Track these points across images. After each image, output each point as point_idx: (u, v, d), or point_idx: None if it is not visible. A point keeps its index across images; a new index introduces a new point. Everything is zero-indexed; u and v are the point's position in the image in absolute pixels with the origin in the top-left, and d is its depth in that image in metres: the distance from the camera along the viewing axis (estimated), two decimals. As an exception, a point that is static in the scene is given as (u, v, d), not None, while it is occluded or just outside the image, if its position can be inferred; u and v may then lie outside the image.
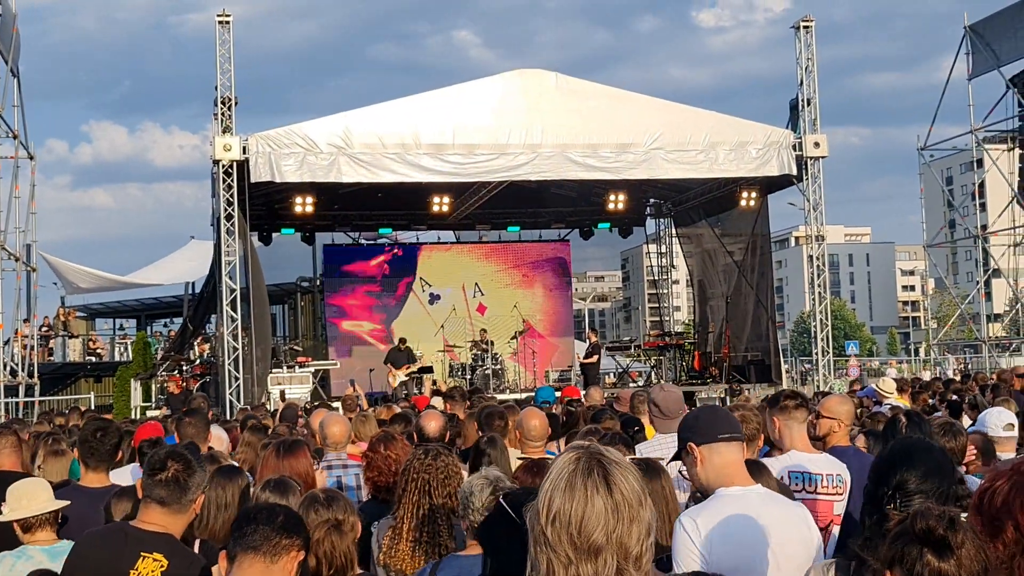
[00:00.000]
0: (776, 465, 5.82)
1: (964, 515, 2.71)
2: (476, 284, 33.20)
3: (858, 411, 12.83)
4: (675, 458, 4.58)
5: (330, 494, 4.71)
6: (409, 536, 4.97)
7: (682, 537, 4.14)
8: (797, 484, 5.78)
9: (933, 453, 3.81)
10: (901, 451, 3.79)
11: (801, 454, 5.98)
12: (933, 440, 6.08)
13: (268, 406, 22.02)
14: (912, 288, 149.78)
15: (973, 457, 6.86)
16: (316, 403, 19.56)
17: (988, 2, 35.63)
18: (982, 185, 51.47)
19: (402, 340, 27.63)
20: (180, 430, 8.05)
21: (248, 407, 18.62)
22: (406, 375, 26.23)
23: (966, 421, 10.92)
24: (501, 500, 3.80)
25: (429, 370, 28.00)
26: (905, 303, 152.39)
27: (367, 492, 6.46)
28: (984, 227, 43.91)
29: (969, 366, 40.29)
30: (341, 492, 5.00)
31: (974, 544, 2.61)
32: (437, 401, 16.43)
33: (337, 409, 13.87)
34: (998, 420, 7.40)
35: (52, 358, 36.53)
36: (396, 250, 33.51)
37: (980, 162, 42.80)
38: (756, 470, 4.85)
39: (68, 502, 5.66)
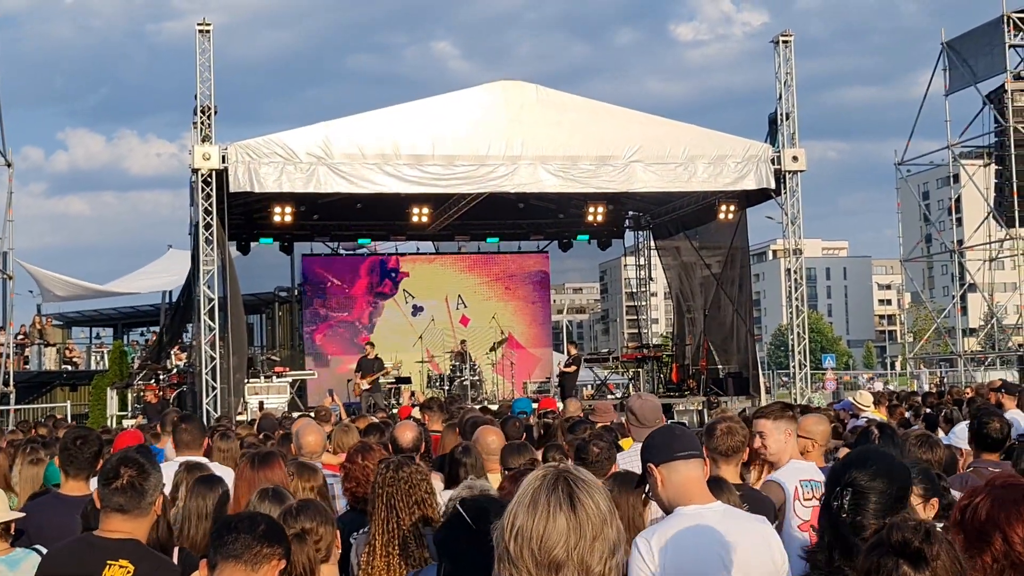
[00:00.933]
0: (792, 476, 5.85)
1: (940, 525, 2.74)
2: (460, 296, 33.20)
3: (833, 425, 12.92)
4: (640, 482, 4.59)
5: (304, 503, 4.71)
6: (382, 552, 4.97)
7: (635, 558, 4.17)
8: (808, 492, 5.80)
9: (886, 457, 3.80)
10: (854, 455, 3.83)
11: (801, 463, 6.02)
12: (909, 452, 6.15)
13: (245, 416, 21.99)
14: (888, 302, 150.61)
15: None
16: (297, 414, 19.52)
17: (964, 19, 36.06)
18: (958, 200, 51.84)
19: (370, 347, 27.61)
20: (176, 437, 8.03)
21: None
22: (369, 383, 26.23)
23: (941, 435, 10.99)
24: (458, 506, 3.81)
25: (407, 380, 27.97)
26: (881, 317, 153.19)
27: (345, 502, 6.46)
28: (960, 242, 44.26)
29: (945, 380, 40.51)
30: (319, 502, 4.99)
31: (949, 556, 2.63)
32: (415, 413, 16.46)
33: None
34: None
35: (28, 367, 36.31)
36: (375, 260, 33.46)
37: (956, 177, 43.14)
38: (718, 487, 4.86)
39: (23, 514, 5.66)
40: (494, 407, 21.74)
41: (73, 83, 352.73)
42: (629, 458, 7.08)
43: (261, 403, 23.23)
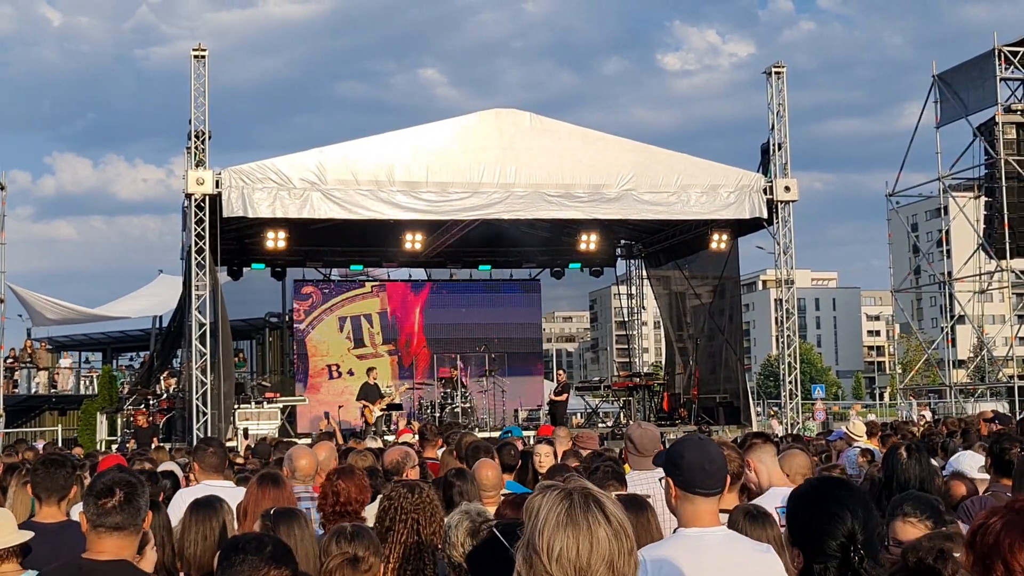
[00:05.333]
0: (768, 502, 5.82)
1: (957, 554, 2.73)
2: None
3: (823, 455, 12.96)
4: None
5: (358, 529, 4.67)
6: (393, 574, 4.95)
7: None
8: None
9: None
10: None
11: (783, 489, 5.98)
12: (930, 472, 6.13)
13: (235, 442, 21.93)
14: (878, 333, 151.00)
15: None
16: (285, 439, 19.48)
17: (950, 52, 36.40)
18: (948, 232, 52.06)
19: (370, 372, 27.45)
20: (202, 460, 8.01)
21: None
22: (381, 410, 26.08)
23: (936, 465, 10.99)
24: (495, 530, 3.80)
25: (399, 407, 27.88)
26: (871, 348, 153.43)
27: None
28: (949, 274, 44.43)
29: (935, 411, 40.58)
30: (369, 529, 4.94)
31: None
32: (406, 436, 16.47)
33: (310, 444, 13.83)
34: (972, 462, 7.53)
35: (16, 390, 36.12)
36: (367, 286, 33.40)
37: (946, 209, 43.35)
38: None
39: (32, 533, 5.56)
40: (484, 434, 21.70)
41: (60, 107, 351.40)
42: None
43: (246, 430, 23.21)
